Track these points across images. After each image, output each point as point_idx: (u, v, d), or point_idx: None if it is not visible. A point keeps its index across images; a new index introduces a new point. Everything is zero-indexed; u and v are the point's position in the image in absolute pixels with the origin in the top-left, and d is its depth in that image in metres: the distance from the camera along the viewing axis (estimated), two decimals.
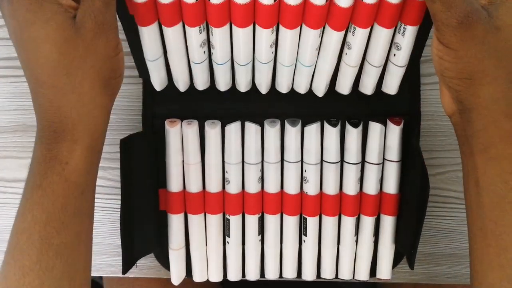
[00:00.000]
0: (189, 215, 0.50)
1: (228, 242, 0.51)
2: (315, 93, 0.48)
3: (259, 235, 0.51)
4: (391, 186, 0.49)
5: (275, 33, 0.42)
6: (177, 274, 0.52)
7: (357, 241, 0.51)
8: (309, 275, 0.52)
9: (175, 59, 0.45)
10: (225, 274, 0.53)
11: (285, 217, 0.50)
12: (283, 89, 0.47)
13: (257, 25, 0.41)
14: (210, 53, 0.45)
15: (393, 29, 0.42)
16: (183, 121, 0.48)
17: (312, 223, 0.50)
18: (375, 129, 0.48)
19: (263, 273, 0.53)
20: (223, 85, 0.47)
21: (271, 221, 0.50)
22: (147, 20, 0.41)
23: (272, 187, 0.49)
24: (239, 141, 0.48)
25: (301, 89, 0.47)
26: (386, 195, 0.49)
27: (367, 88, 0.47)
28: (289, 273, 0.52)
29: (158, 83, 0.47)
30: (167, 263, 0.52)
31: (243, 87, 0.47)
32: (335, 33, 0.42)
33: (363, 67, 0.46)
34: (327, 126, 0.47)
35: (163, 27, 0.42)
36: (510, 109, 0.37)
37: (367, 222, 0.50)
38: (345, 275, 0.52)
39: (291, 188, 0.49)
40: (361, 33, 0.42)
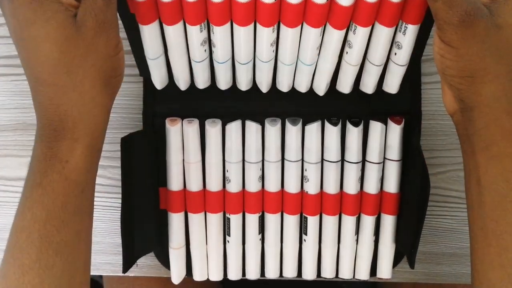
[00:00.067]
0: (189, 214, 0.50)
1: (228, 241, 0.51)
2: (316, 92, 0.48)
3: (259, 234, 0.51)
4: (391, 185, 0.49)
5: (276, 32, 0.42)
6: (177, 273, 0.52)
7: (357, 241, 0.51)
8: (309, 274, 0.52)
9: (176, 57, 0.45)
10: (225, 273, 0.53)
11: (286, 216, 0.50)
12: (284, 87, 0.47)
13: (258, 24, 0.41)
14: (211, 52, 0.45)
15: (394, 28, 0.42)
16: (183, 120, 0.48)
17: (312, 222, 0.50)
18: (376, 128, 0.47)
19: (263, 272, 0.53)
20: (224, 84, 0.47)
21: (272, 220, 0.50)
22: (148, 18, 0.41)
23: (272, 186, 0.49)
24: (240, 140, 0.48)
25: (302, 88, 0.47)
26: (386, 194, 0.49)
27: (368, 87, 0.47)
28: (289, 272, 0.52)
29: (158, 82, 0.47)
30: (167, 262, 0.52)
31: (243, 85, 0.47)
32: (336, 32, 0.42)
33: (364, 66, 0.46)
34: (327, 125, 0.47)
35: (164, 25, 0.42)
36: (511, 107, 0.37)
37: (368, 221, 0.50)
38: (346, 274, 0.52)
39: (292, 187, 0.49)
40: (362, 31, 0.42)
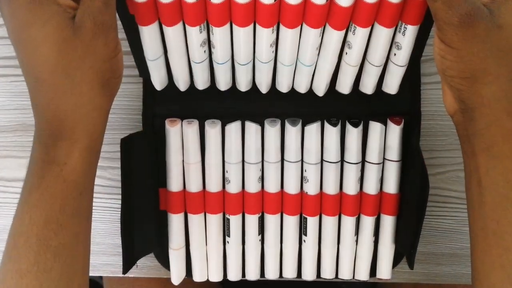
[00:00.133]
0: (189, 215, 0.50)
1: (228, 241, 0.51)
2: (316, 93, 0.47)
3: (259, 235, 0.51)
4: (391, 186, 0.49)
5: (275, 33, 0.42)
6: (177, 274, 0.52)
7: (357, 241, 0.51)
8: (309, 275, 0.52)
9: (176, 58, 0.45)
10: (225, 274, 0.53)
11: (285, 216, 0.50)
12: (283, 88, 0.47)
13: (257, 25, 0.41)
14: (210, 53, 0.45)
15: (394, 28, 0.42)
16: (183, 121, 0.48)
17: (312, 223, 0.50)
18: (375, 128, 0.47)
19: (263, 273, 0.53)
20: (224, 85, 0.47)
21: (271, 220, 0.50)
22: (148, 19, 0.41)
23: (272, 186, 0.49)
24: (239, 140, 0.48)
25: (301, 88, 0.47)
26: (386, 195, 0.49)
27: (368, 87, 0.47)
28: (289, 273, 0.52)
29: (158, 83, 0.47)
30: (167, 263, 0.52)
31: (243, 86, 0.47)
32: (335, 33, 0.42)
33: (363, 66, 0.46)
34: (327, 125, 0.47)
35: (163, 26, 0.42)
36: None
37: (367, 222, 0.50)
38: (345, 275, 0.52)
39: (291, 187, 0.49)
40: (361, 32, 0.42)
